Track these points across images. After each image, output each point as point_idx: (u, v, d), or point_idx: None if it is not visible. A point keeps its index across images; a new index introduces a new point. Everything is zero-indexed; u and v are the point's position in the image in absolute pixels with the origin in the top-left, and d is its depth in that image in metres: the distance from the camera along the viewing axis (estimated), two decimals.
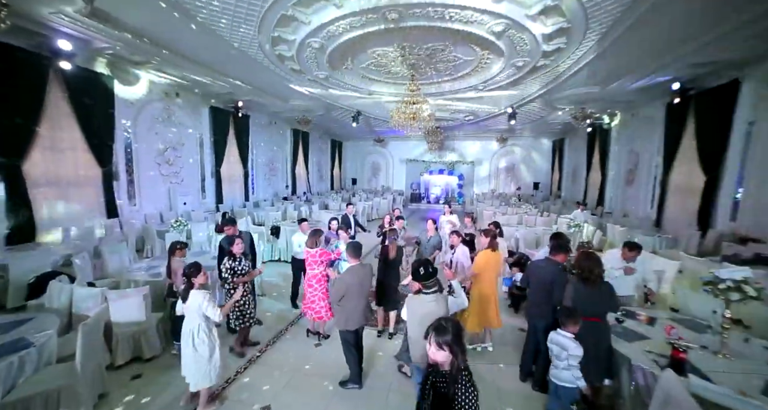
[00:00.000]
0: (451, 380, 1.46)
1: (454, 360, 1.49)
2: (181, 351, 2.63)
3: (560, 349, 2.53)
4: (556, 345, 2.57)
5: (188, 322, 2.57)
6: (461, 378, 1.44)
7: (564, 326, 2.54)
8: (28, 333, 2.55)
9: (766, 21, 4.55)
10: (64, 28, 5.27)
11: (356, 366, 3.01)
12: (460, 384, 1.44)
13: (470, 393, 1.43)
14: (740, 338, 2.62)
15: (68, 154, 6.54)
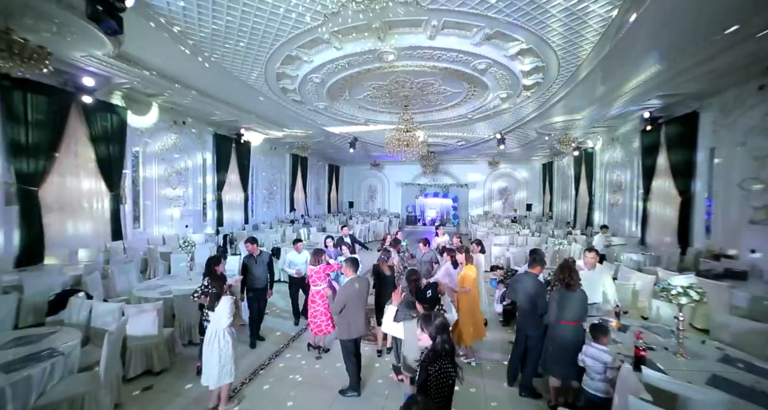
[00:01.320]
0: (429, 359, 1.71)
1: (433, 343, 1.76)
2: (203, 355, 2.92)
3: (594, 361, 2.60)
4: (590, 357, 2.63)
5: (214, 324, 2.89)
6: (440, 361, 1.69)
7: (596, 339, 2.64)
8: (54, 343, 2.78)
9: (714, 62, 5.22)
10: (89, 68, 5.82)
11: (355, 375, 3.23)
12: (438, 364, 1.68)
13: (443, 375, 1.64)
14: (698, 341, 2.92)
15: (81, 179, 6.91)
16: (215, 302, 2.90)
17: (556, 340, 2.97)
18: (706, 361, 2.60)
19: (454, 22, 4.44)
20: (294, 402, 3.18)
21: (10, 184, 5.53)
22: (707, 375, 2.38)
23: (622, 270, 5.55)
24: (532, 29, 4.48)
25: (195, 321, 4.29)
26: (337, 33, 4.68)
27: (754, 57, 5.09)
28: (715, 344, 2.88)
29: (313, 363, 3.93)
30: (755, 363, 2.52)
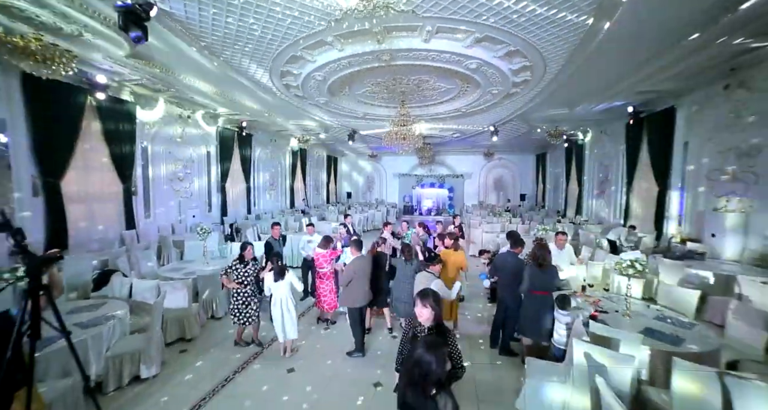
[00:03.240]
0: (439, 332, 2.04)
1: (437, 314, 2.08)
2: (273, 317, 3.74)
3: (558, 322, 3.18)
4: (559, 321, 3.19)
5: (280, 293, 3.64)
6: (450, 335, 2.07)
7: (561, 307, 3.20)
8: (108, 311, 3.32)
9: (683, 64, 5.71)
10: (103, 66, 6.16)
11: (360, 338, 3.81)
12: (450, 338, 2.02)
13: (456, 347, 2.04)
14: (645, 306, 3.53)
15: (96, 172, 7.33)
16: (279, 276, 3.63)
17: (529, 307, 3.56)
18: (646, 319, 3.22)
19: (447, 28, 4.87)
20: (310, 361, 3.77)
21: (35, 176, 5.96)
22: (642, 327, 3.00)
23: (598, 253, 6.17)
24: (518, 34, 4.92)
25: (217, 297, 4.86)
26: (340, 36, 5.09)
27: (717, 59, 5.59)
28: (657, 307, 3.51)
29: (323, 332, 4.54)
30: (681, 318, 3.15)
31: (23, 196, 5.80)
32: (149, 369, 3.22)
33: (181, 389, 3.23)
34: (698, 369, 2.14)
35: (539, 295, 3.52)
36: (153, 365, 3.20)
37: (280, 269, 3.70)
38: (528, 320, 3.54)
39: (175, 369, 3.54)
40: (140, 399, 3.05)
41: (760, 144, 5.77)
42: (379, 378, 3.46)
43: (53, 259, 2.09)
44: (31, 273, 1.91)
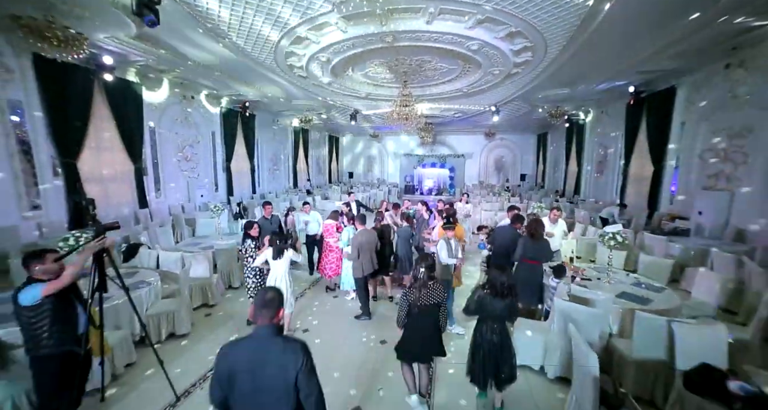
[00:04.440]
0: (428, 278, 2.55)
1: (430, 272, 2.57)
2: None
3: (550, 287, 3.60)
4: (549, 287, 3.61)
5: (277, 271, 3.68)
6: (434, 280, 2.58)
7: (555, 275, 3.56)
8: (142, 278, 3.72)
9: (684, 44, 5.77)
10: (109, 47, 6.24)
11: (366, 304, 4.24)
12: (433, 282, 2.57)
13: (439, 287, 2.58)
14: (625, 274, 3.92)
15: (108, 153, 7.58)
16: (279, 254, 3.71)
17: (521, 274, 3.94)
18: (624, 285, 3.63)
19: (449, 9, 4.94)
20: (323, 324, 4.23)
21: (54, 157, 6.23)
22: (619, 292, 3.40)
23: (590, 229, 6.53)
24: (519, 15, 4.99)
25: (233, 269, 5.28)
26: (344, 18, 5.16)
27: (719, 39, 5.64)
28: (635, 275, 3.90)
29: (331, 300, 5.00)
30: (653, 284, 3.55)
31: (45, 176, 6.10)
32: (182, 328, 3.68)
33: (210, 345, 3.70)
34: (653, 319, 2.53)
35: (531, 264, 3.89)
36: (185, 325, 3.66)
37: (279, 248, 3.73)
38: (519, 285, 3.91)
39: (203, 329, 4.01)
40: (178, 351, 3.53)
41: (752, 124, 5.94)
42: (384, 337, 3.91)
43: (113, 227, 2.45)
44: (97, 237, 2.28)
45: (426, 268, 2.51)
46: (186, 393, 2.94)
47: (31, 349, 2.11)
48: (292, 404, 1.47)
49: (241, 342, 1.59)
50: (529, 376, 3.14)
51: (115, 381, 3.02)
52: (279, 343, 1.51)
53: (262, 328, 1.55)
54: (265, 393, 1.46)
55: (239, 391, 1.46)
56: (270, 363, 1.47)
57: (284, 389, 1.46)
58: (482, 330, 2.56)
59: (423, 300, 2.44)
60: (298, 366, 1.46)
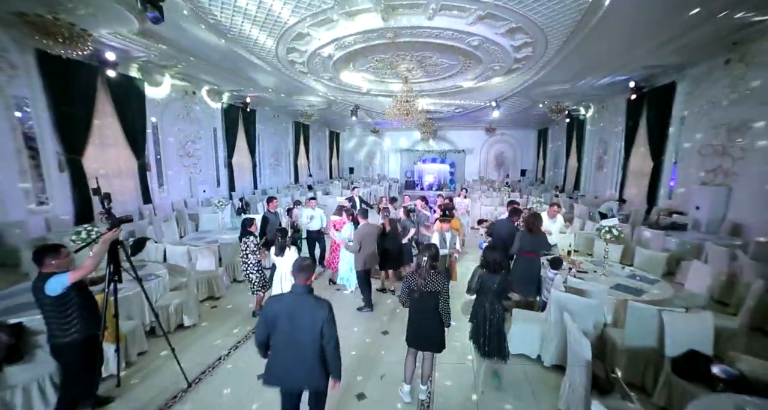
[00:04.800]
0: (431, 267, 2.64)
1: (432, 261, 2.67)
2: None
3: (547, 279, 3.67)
4: (546, 278, 3.68)
5: (282, 268, 3.68)
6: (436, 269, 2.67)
7: (552, 267, 3.64)
8: (150, 271, 3.83)
9: (685, 39, 5.79)
10: (112, 43, 6.27)
11: (368, 296, 4.35)
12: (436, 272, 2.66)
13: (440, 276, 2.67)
14: (620, 267, 4.02)
15: (112, 149, 7.66)
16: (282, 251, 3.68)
17: (519, 267, 4.05)
18: (619, 277, 3.74)
19: (451, 5, 4.97)
20: None
21: (59, 153, 6.32)
22: (614, 284, 3.50)
23: (588, 224, 6.62)
24: (520, 11, 5.02)
25: (237, 263, 5.38)
26: (345, 14, 5.20)
27: (720, 34, 5.66)
28: (631, 268, 4.00)
29: (335, 293, 5.11)
30: (647, 276, 3.65)
31: (51, 172, 6.19)
32: (190, 318, 3.80)
33: (218, 335, 3.83)
34: (644, 308, 2.64)
35: (528, 256, 4.00)
36: (193, 316, 3.78)
37: (280, 245, 3.72)
38: (517, 278, 4.03)
39: (210, 320, 4.14)
40: (187, 341, 3.66)
41: (750, 119, 5.99)
42: (386, 328, 4.03)
43: (127, 220, 2.56)
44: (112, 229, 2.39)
45: (429, 257, 2.64)
46: (197, 380, 3.06)
47: (58, 336, 2.22)
48: (318, 344, 1.99)
49: (283, 296, 2.14)
50: (526, 364, 3.27)
51: (128, 367, 3.15)
52: (311, 299, 2.05)
53: (298, 286, 2.08)
54: (299, 333, 1.99)
55: (280, 330, 2.01)
56: (304, 312, 2.00)
57: (313, 332, 1.97)
58: (483, 302, 2.96)
59: (423, 287, 2.59)
60: (324, 317, 1.98)
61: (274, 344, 2.03)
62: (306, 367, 1.99)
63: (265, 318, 2.03)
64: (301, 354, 1.99)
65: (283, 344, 2.00)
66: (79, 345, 2.25)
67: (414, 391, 2.89)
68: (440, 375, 3.20)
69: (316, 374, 2.00)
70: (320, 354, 2.00)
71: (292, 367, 2.00)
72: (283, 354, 2.02)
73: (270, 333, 2.03)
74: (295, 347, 1.99)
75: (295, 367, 2.00)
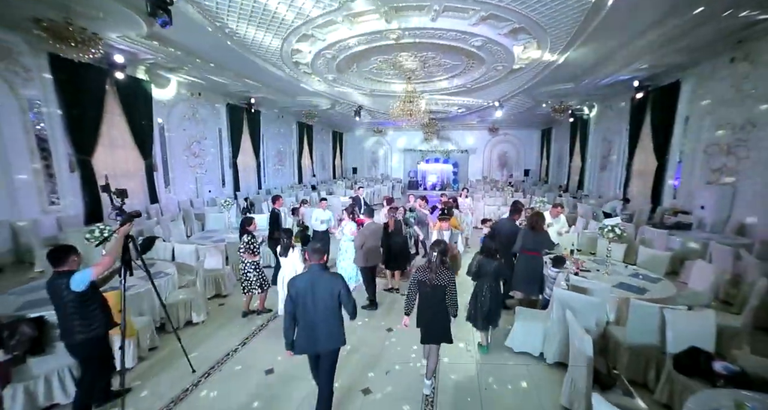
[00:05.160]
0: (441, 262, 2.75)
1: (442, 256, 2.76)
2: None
3: (548, 277, 3.74)
4: (549, 277, 3.75)
5: (287, 268, 3.71)
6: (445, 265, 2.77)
7: (554, 265, 3.71)
8: (160, 269, 3.92)
9: (689, 38, 5.78)
10: (121, 46, 6.39)
11: (372, 294, 4.41)
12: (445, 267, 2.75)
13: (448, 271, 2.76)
14: (623, 266, 4.05)
15: (120, 149, 7.79)
16: (286, 251, 3.71)
17: (521, 265, 4.08)
18: (622, 276, 3.76)
19: (454, 6, 5.02)
20: None
21: (71, 154, 6.45)
22: (617, 282, 3.53)
23: (592, 223, 6.63)
24: (522, 11, 5.06)
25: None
26: (349, 16, 5.26)
27: (724, 32, 5.65)
28: (634, 267, 4.02)
29: None
30: (650, 275, 3.67)
31: (62, 172, 6.32)
32: (199, 316, 3.89)
33: (226, 331, 3.92)
34: (646, 306, 2.67)
35: (530, 255, 4.03)
36: (201, 313, 3.87)
37: (285, 246, 3.73)
38: (520, 276, 4.08)
39: (218, 317, 4.23)
40: (196, 338, 3.74)
41: (755, 118, 5.97)
42: (391, 325, 4.09)
43: (137, 215, 2.66)
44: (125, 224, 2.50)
45: (439, 253, 2.76)
46: (206, 375, 3.14)
47: (81, 332, 2.26)
48: (336, 309, 2.44)
49: (303, 274, 2.55)
50: (529, 362, 3.31)
51: (141, 362, 3.25)
52: (326, 274, 2.45)
53: (315, 265, 2.47)
54: (320, 303, 2.39)
55: (303, 303, 2.38)
56: (322, 286, 2.39)
57: (332, 301, 2.40)
58: (482, 285, 3.35)
59: (433, 281, 2.72)
60: (339, 287, 2.41)
61: (301, 316, 2.39)
62: (328, 328, 2.41)
63: (291, 295, 2.39)
64: (323, 316, 2.39)
65: (310, 313, 2.38)
66: (101, 339, 2.34)
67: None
68: (444, 371, 3.25)
69: (335, 333, 2.43)
70: (338, 316, 2.45)
71: (318, 332, 2.40)
72: (309, 324, 2.39)
73: (296, 307, 2.39)
74: (317, 314, 2.38)
75: (319, 331, 2.40)
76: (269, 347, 3.60)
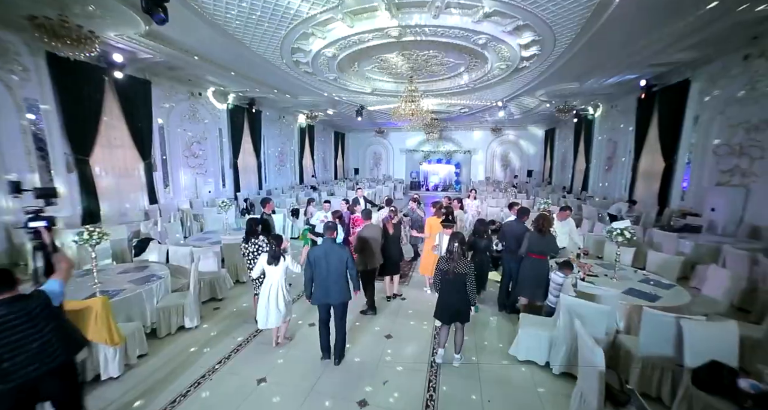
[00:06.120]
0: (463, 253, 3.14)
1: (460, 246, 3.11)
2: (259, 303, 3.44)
3: (553, 282, 3.53)
4: (552, 281, 3.57)
5: (272, 278, 3.35)
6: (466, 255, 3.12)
7: (560, 269, 3.51)
8: (153, 272, 3.81)
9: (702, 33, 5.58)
10: (119, 45, 6.31)
11: (371, 298, 4.27)
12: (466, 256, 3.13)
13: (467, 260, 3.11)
14: (632, 270, 3.87)
15: (119, 149, 7.72)
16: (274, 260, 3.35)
17: (526, 269, 3.92)
18: (631, 282, 3.59)
19: (456, 2, 4.88)
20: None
21: (68, 154, 6.37)
22: (627, 288, 3.36)
23: (597, 225, 6.45)
24: (527, 8, 4.91)
25: (241, 264, 5.36)
26: (350, 13, 5.14)
27: (738, 28, 5.45)
28: (644, 272, 3.85)
29: None
30: (662, 280, 3.49)
31: (59, 173, 6.25)
32: (192, 320, 3.76)
33: (220, 337, 3.78)
34: (661, 316, 2.51)
35: (536, 258, 3.87)
36: (195, 317, 3.74)
37: (274, 253, 3.36)
38: (525, 281, 3.92)
39: (212, 322, 4.09)
40: (188, 343, 3.60)
41: None
42: (390, 331, 3.95)
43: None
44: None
45: (459, 243, 3.11)
46: (196, 384, 3.01)
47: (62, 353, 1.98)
48: (344, 272, 3.22)
49: (320, 246, 3.32)
50: (535, 372, 3.15)
51: (129, 370, 3.11)
52: (336, 246, 3.27)
53: (327, 239, 3.30)
54: (333, 267, 3.18)
55: (319, 268, 3.19)
56: (333, 255, 3.19)
57: (341, 265, 3.19)
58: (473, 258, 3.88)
59: (454, 269, 3.08)
60: (346, 256, 3.22)
61: (317, 276, 3.19)
62: (339, 286, 3.20)
63: (309, 262, 3.19)
64: (334, 278, 3.18)
65: (324, 274, 3.18)
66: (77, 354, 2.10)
67: (447, 354, 3.38)
68: (444, 379, 3.10)
69: (344, 290, 3.23)
70: (345, 277, 3.23)
71: (330, 288, 3.19)
72: (323, 282, 3.19)
73: (313, 270, 3.19)
74: (329, 275, 3.17)
75: (331, 288, 3.19)
76: (262, 355, 3.47)
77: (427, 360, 3.40)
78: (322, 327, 3.34)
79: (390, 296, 4.88)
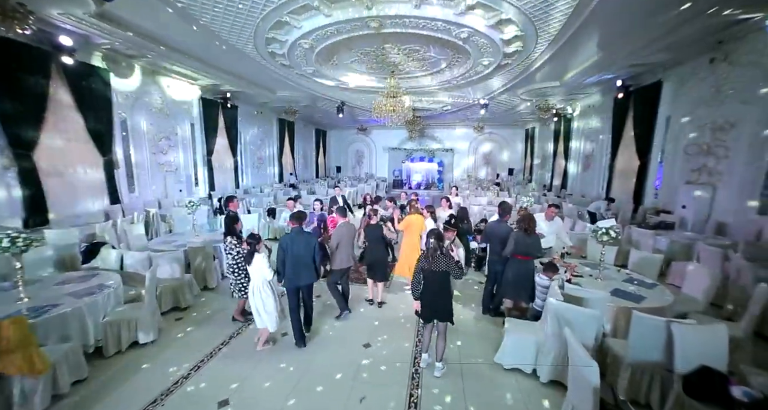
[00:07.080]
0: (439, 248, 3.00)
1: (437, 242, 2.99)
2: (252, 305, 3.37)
3: (538, 285, 3.43)
4: (537, 284, 3.46)
5: (254, 279, 3.29)
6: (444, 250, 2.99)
7: (544, 272, 3.42)
8: (101, 281, 3.37)
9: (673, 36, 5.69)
10: (66, 26, 5.65)
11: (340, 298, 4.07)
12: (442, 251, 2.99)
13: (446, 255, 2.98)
14: (616, 270, 3.82)
15: (72, 144, 7.00)
16: (251, 258, 3.24)
17: (511, 270, 3.78)
18: (616, 282, 3.52)
19: None
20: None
21: (2, 147, 5.65)
22: (612, 288, 3.28)
23: (578, 223, 6.47)
24: (511, 1, 4.78)
25: (209, 268, 4.94)
26: (327, 0, 4.82)
27: (706, 32, 5.60)
28: (627, 272, 3.81)
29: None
30: (645, 280, 3.45)
31: None
32: (147, 335, 3.35)
33: (179, 353, 3.38)
34: (651, 319, 2.40)
35: (521, 259, 3.73)
36: (150, 331, 3.33)
37: (248, 252, 3.28)
38: (509, 282, 3.78)
39: (171, 336, 3.68)
40: (140, 362, 3.19)
41: (734, 118, 5.96)
42: (368, 340, 3.71)
43: None
44: None
45: (435, 238, 2.99)
46: None
47: None
48: (311, 257, 3.51)
49: (288, 234, 3.59)
50: (521, 380, 2.99)
51: (58, 401, 2.61)
52: (304, 234, 3.58)
53: (295, 228, 3.56)
54: (302, 254, 3.46)
55: (290, 253, 3.43)
56: (301, 242, 3.48)
57: (309, 250, 3.49)
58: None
59: (432, 267, 2.97)
60: (313, 243, 3.54)
61: (288, 260, 3.41)
62: (306, 270, 3.48)
63: (281, 247, 3.44)
64: (303, 262, 3.45)
65: (293, 259, 3.41)
66: None
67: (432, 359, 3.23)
68: (425, 392, 2.89)
69: (311, 273, 3.52)
70: (312, 262, 3.50)
71: (299, 272, 3.44)
72: (293, 266, 3.42)
73: (285, 255, 3.41)
74: (299, 260, 3.43)
75: (300, 272, 3.45)
76: (226, 372, 3.11)
77: (408, 372, 3.19)
78: (293, 315, 3.49)
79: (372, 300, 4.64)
